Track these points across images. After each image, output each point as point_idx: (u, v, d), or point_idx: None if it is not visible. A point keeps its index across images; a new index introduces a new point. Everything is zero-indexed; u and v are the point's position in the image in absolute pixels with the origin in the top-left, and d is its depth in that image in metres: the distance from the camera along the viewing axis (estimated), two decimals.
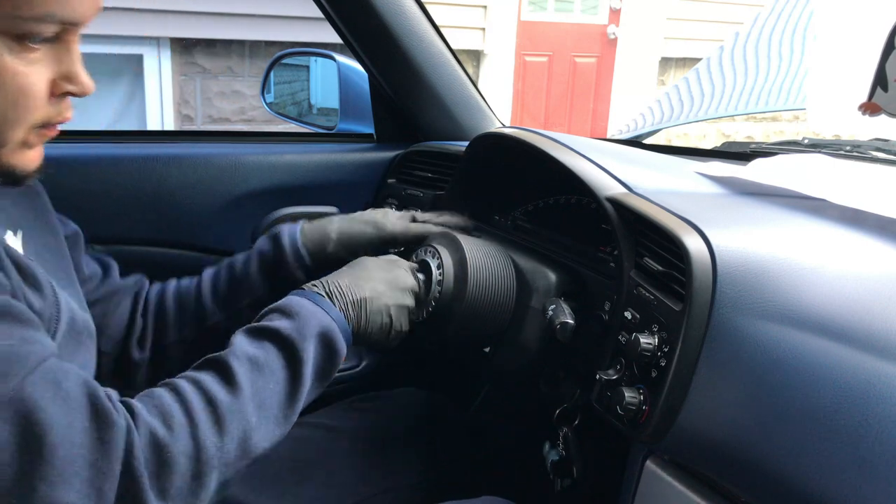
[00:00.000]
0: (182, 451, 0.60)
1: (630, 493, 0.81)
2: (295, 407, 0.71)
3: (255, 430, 0.66)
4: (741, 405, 0.66)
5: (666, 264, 0.74)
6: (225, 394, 0.65)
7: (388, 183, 1.37)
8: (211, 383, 0.66)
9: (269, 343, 0.72)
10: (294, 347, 0.71)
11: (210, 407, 0.64)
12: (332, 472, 1.01)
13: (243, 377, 0.67)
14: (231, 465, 0.64)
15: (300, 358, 0.71)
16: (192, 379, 0.66)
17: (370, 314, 0.81)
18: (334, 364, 0.76)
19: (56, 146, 1.25)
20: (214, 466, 0.62)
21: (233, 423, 0.64)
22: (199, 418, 0.63)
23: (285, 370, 0.71)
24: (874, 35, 0.94)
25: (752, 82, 1.87)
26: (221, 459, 0.63)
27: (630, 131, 2.06)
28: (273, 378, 0.70)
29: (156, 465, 0.59)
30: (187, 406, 0.63)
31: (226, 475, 0.64)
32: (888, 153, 1.03)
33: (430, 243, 0.96)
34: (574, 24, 5.45)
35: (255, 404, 0.67)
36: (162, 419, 0.61)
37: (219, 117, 4.22)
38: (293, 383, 0.71)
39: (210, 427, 0.63)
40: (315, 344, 0.73)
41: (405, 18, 1.23)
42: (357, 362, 1.41)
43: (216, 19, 4.01)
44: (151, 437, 0.59)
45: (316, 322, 0.74)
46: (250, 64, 4.22)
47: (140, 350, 0.92)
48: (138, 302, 0.93)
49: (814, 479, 0.61)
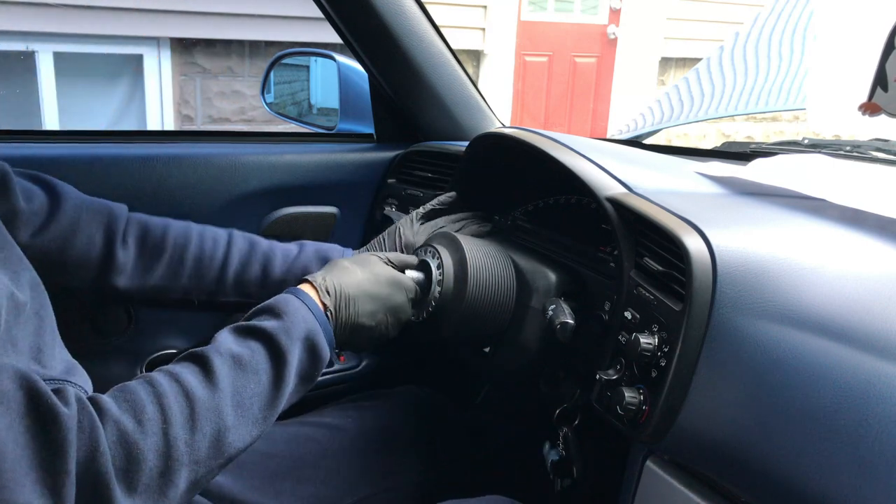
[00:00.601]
0: (151, 446, 0.59)
1: (630, 493, 0.81)
2: (275, 408, 0.71)
3: (231, 430, 0.65)
4: (741, 405, 0.66)
5: (666, 264, 0.74)
6: (202, 390, 0.65)
7: (388, 183, 1.37)
8: (189, 378, 0.65)
9: (255, 342, 0.71)
10: (280, 349, 0.71)
11: (185, 402, 0.63)
12: (332, 471, 1.01)
13: (224, 375, 0.66)
14: (202, 462, 0.63)
15: (286, 360, 0.71)
16: (170, 373, 0.65)
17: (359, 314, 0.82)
18: (317, 368, 0.76)
19: (56, 146, 1.26)
20: (184, 464, 0.61)
21: (207, 421, 0.63)
22: (171, 413, 0.61)
23: (269, 371, 0.70)
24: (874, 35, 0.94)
25: (752, 82, 1.87)
26: (192, 457, 0.62)
27: (630, 131, 2.06)
28: (255, 378, 0.69)
29: (123, 460, 0.58)
30: (161, 401, 0.62)
31: (197, 474, 0.63)
32: (888, 153, 1.03)
33: (430, 243, 0.96)
34: (574, 24, 5.45)
35: (233, 403, 0.66)
36: (132, 413, 0.60)
37: (219, 117, 4.22)
38: (276, 385, 0.70)
39: (182, 423, 0.62)
40: (301, 347, 0.73)
41: (405, 18, 1.23)
42: (357, 362, 1.41)
43: (216, 19, 4.01)
44: (119, 432, 0.58)
45: (302, 324, 0.74)
46: (250, 64, 4.23)
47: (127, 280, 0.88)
48: (115, 232, 0.88)
49: (814, 479, 0.61)
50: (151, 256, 0.90)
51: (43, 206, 0.86)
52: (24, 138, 1.26)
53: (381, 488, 1.01)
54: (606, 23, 5.51)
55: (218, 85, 4.19)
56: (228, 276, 0.94)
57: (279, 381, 0.70)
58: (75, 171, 1.20)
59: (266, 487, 0.96)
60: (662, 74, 5.72)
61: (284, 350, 0.71)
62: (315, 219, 1.36)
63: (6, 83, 3.81)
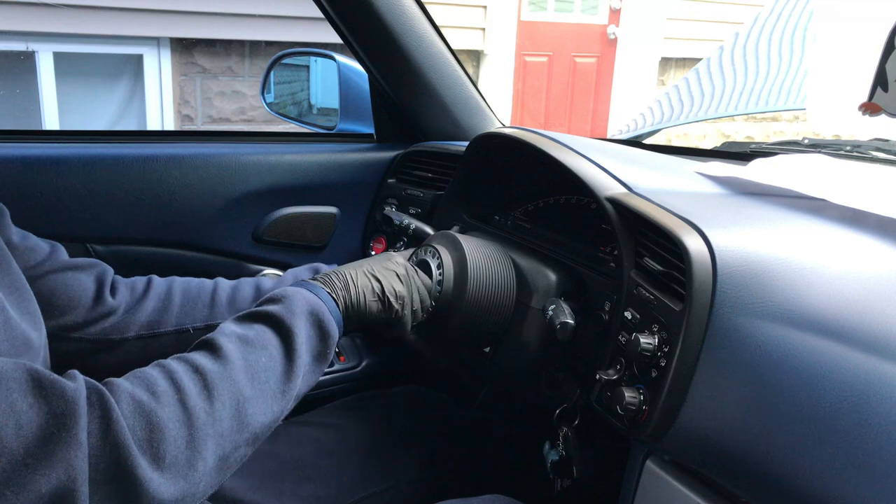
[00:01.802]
0: (171, 416, 0.58)
1: (630, 493, 0.81)
2: (293, 382, 0.70)
3: (250, 402, 0.65)
4: (741, 405, 0.66)
5: (666, 264, 0.74)
6: (212, 363, 0.64)
7: (388, 183, 1.38)
8: (197, 356, 0.65)
9: (258, 324, 0.71)
10: (283, 323, 0.71)
11: (196, 375, 0.63)
12: (333, 470, 1.01)
13: (232, 350, 0.66)
14: (227, 436, 0.62)
15: (292, 332, 0.71)
16: (179, 357, 0.65)
17: (357, 284, 0.82)
18: (327, 344, 0.75)
19: (56, 146, 1.26)
20: (209, 434, 0.60)
21: (223, 390, 0.63)
22: (184, 385, 0.61)
23: (278, 345, 0.70)
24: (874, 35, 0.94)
25: (752, 82, 1.87)
26: (215, 428, 0.61)
27: (630, 131, 2.06)
28: (265, 353, 0.69)
29: (144, 430, 0.57)
30: (173, 376, 0.61)
31: (224, 448, 0.62)
32: (888, 153, 1.03)
33: (430, 243, 0.96)
34: (574, 24, 5.45)
35: (247, 376, 0.65)
36: (145, 387, 0.59)
37: (219, 117, 4.22)
38: (288, 357, 0.70)
39: (198, 393, 0.61)
40: (305, 320, 0.73)
41: (405, 18, 1.23)
42: (357, 362, 1.41)
43: (216, 19, 4.01)
44: (134, 402, 0.57)
45: (304, 301, 0.74)
46: (250, 64, 4.23)
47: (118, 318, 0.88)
48: (104, 283, 0.90)
49: (813, 479, 0.61)
50: (141, 297, 0.91)
51: (39, 245, 0.87)
52: (24, 138, 1.27)
53: (381, 488, 1.01)
54: (606, 23, 5.51)
55: (218, 85, 4.19)
56: (221, 299, 0.94)
57: (290, 353, 0.70)
58: (75, 171, 1.20)
59: (266, 487, 0.96)
60: (662, 74, 5.72)
61: (289, 325, 0.71)
62: (315, 219, 1.36)
63: (6, 83, 3.81)
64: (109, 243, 1.24)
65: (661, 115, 2.07)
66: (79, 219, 1.21)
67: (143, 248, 1.26)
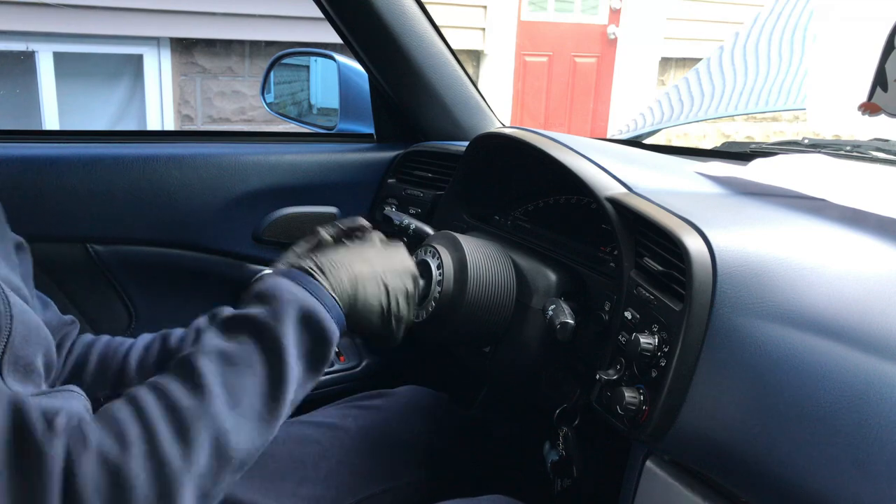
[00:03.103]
0: (140, 468, 0.55)
1: (630, 494, 0.81)
2: (282, 399, 0.65)
3: (232, 433, 0.61)
4: (741, 405, 0.66)
5: (666, 264, 0.74)
6: (189, 398, 0.60)
7: (388, 183, 1.37)
8: (174, 388, 0.61)
9: (242, 334, 0.66)
10: (270, 334, 0.66)
11: (172, 415, 0.58)
12: (333, 471, 1.01)
13: (211, 377, 0.62)
14: (207, 475, 0.59)
15: (279, 344, 0.65)
16: (155, 386, 0.61)
17: (367, 291, 0.77)
18: (324, 347, 0.70)
19: (56, 146, 1.26)
20: (185, 480, 0.57)
21: (200, 430, 0.59)
22: (157, 430, 0.57)
23: (263, 361, 0.65)
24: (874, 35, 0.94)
25: (752, 82, 1.87)
26: (193, 471, 0.58)
27: (630, 131, 2.06)
28: (249, 371, 0.64)
29: (109, 489, 0.53)
30: (144, 418, 0.58)
31: (205, 487, 0.59)
32: (888, 153, 1.02)
33: (429, 243, 0.96)
34: (574, 24, 5.45)
35: (228, 405, 0.61)
36: (115, 436, 0.56)
37: (219, 117, 4.22)
38: (275, 374, 0.65)
39: (171, 438, 0.57)
40: (295, 327, 0.67)
41: (405, 18, 1.23)
42: (357, 362, 1.41)
43: (216, 19, 4.01)
44: (101, 458, 0.54)
45: (295, 304, 0.68)
46: (250, 64, 4.23)
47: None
48: (63, 345, 0.87)
49: (813, 479, 0.61)
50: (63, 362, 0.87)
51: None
52: (24, 138, 1.27)
53: (381, 488, 1.01)
54: (606, 23, 5.51)
55: (218, 85, 4.19)
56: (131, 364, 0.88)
57: (279, 369, 0.65)
58: (75, 171, 1.20)
59: (266, 487, 0.96)
60: (662, 74, 5.72)
61: (276, 335, 0.65)
62: (315, 219, 1.36)
63: (6, 83, 3.81)
64: (109, 243, 1.24)
65: (661, 115, 2.07)
66: (79, 219, 1.21)
67: (143, 248, 1.26)
